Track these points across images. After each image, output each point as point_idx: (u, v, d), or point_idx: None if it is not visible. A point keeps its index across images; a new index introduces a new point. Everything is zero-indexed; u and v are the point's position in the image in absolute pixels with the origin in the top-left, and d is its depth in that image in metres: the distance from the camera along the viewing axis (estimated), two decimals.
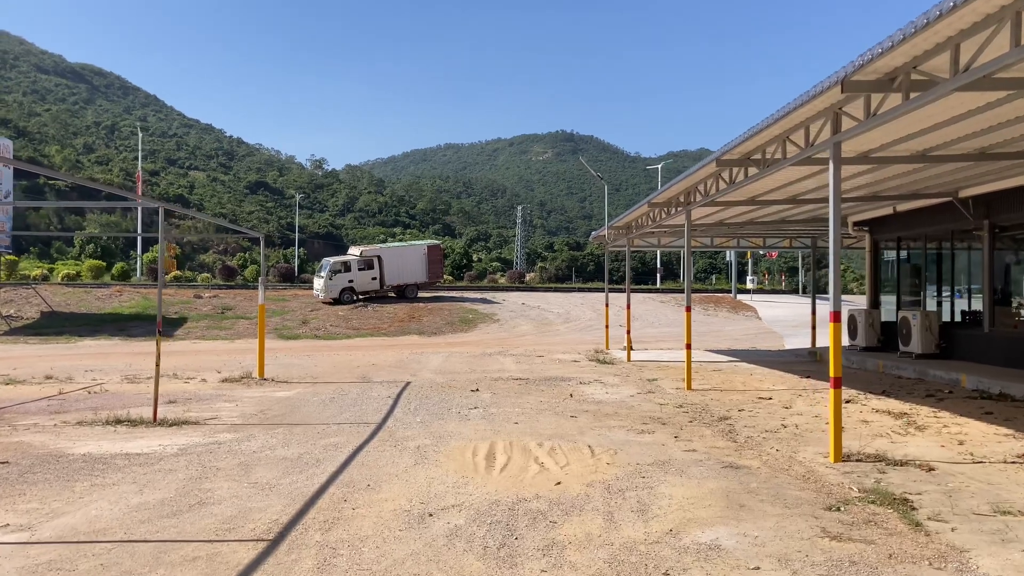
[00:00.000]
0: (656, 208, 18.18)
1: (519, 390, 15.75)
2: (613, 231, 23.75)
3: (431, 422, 11.77)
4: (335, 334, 33.01)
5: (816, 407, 13.38)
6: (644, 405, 13.63)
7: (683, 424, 11.64)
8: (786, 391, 15.54)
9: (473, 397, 14.65)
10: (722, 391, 15.61)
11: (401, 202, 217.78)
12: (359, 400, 14.25)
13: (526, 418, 12.17)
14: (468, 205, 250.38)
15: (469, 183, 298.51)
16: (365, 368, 20.40)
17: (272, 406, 13.53)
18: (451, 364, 21.43)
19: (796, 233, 26.34)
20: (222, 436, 10.65)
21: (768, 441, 10.29)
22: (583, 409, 13.16)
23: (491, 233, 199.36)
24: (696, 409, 13.12)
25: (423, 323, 36.22)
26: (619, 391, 15.65)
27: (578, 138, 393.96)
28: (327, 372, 19.41)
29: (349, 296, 41.81)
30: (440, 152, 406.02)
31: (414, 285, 44.54)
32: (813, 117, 9.65)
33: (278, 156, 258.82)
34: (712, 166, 12.62)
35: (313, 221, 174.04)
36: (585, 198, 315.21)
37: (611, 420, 12.04)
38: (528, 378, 17.89)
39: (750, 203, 17.36)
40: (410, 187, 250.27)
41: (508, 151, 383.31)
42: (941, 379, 16.47)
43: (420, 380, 17.57)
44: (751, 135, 10.75)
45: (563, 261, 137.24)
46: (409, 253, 45.09)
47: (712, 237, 26.70)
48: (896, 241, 21.68)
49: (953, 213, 18.23)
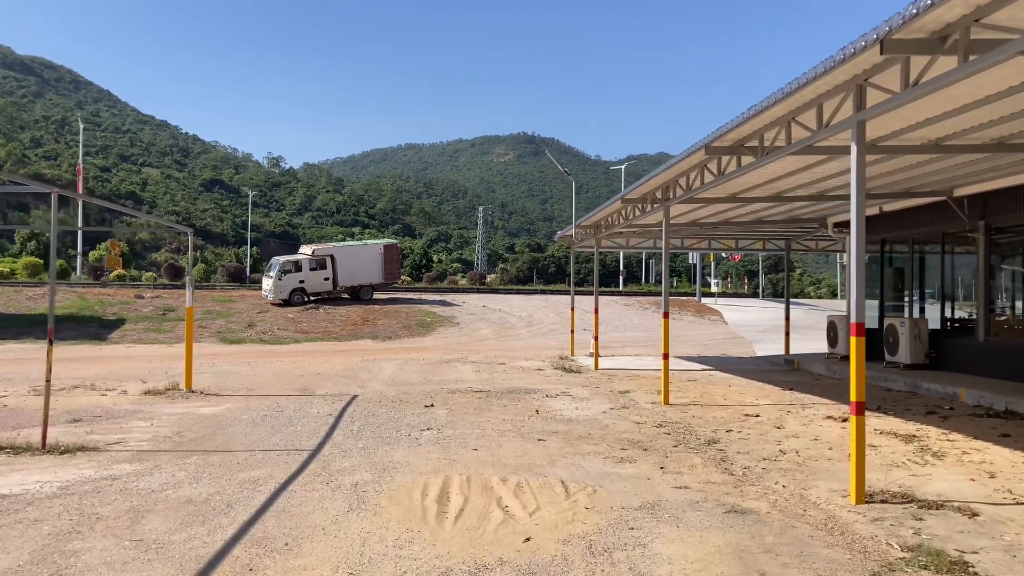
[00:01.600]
0: (630, 205, 16.65)
1: (479, 405, 14.09)
2: (581, 230, 22.20)
3: (375, 448, 10.08)
4: (282, 338, 31.05)
5: (810, 427, 11.93)
6: (620, 424, 12.06)
7: (667, 450, 10.08)
8: (772, 407, 14.10)
9: (427, 415, 12.97)
10: (703, 406, 14.12)
11: (360, 201, 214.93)
12: (295, 418, 12.49)
13: (487, 442, 10.53)
14: (429, 205, 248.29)
15: (430, 183, 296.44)
16: (309, 378, 18.60)
17: (193, 426, 11.71)
18: (405, 373, 19.71)
19: (770, 235, 25.05)
20: (120, 468, 8.85)
21: (769, 473, 8.77)
22: (551, 429, 11.55)
23: (452, 234, 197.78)
24: (678, 430, 11.59)
25: (377, 327, 34.38)
26: (590, 406, 14.08)
27: (539, 140, 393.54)
28: (266, 382, 17.58)
29: (300, 297, 39.78)
30: (401, 152, 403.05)
31: (369, 286, 42.61)
32: (829, 93, 8.14)
33: (234, 154, 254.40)
34: (699, 155, 11.09)
35: (269, 220, 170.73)
36: (546, 200, 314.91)
37: (584, 444, 10.44)
38: (489, 390, 16.25)
39: (731, 200, 15.92)
40: (370, 187, 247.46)
41: (469, 152, 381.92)
42: (936, 393, 15.15)
43: (368, 393, 15.84)
44: (749, 117, 9.23)
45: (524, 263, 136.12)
46: (364, 253, 43.12)
47: (683, 238, 25.31)
48: (880, 243, 20.40)
49: (945, 213, 16.97)
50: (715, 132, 10.21)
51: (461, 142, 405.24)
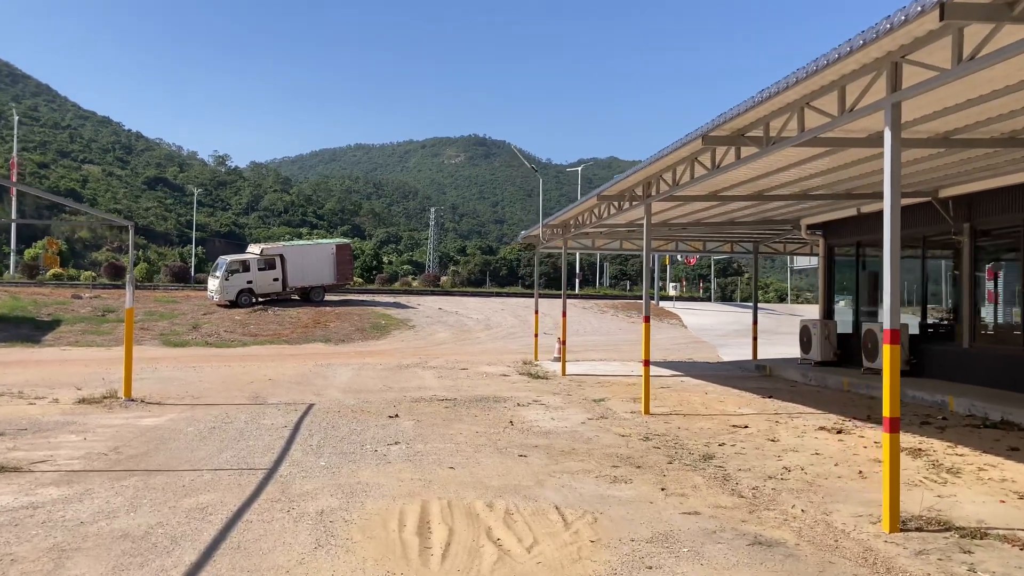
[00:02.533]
0: (605, 203, 15.79)
1: (447, 415, 13.07)
2: (548, 229, 21.29)
3: (339, 467, 9.01)
4: (229, 341, 29.59)
5: (806, 439, 11.16)
6: (603, 437, 11.16)
7: (662, 467, 9.20)
8: (757, 416, 13.34)
9: (392, 426, 11.91)
10: (685, 416, 13.30)
11: (308, 202, 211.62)
12: (247, 431, 11.34)
13: (463, 459, 9.52)
14: (378, 206, 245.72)
15: (379, 184, 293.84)
16: (260, 384, 17.38)
17: (132, 440, 10.50)
18: (362, 380, 18.58)
19: (740, 237, 24.44)
20: (45, 493, 7.67)
21: (781, 494, 7.93)
22: (530, 443, 10.60)
23: (402, 235, 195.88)
24: (668, 443, 10.72)
25: (330, 329, 33.07)
26: (566, 416, 13.15)
27: (490, 142, 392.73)
28: (213, 390, 16.33)
29: (247, 298, 38.21)
30: (350, 152, 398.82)
31: (320, 287, 41.17)
32: (855, 73, 7.34)
33: (179, 152, 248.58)
34: (694, 145, 10.24)
35: (215, 219, 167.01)
36: (497, 203, 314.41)
37: (570, 460, 9.51)
38: (456, 398, 15.23)
39: (712, 199, 15.15)
40: (318, 186, 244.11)
41: (420, 153, 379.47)
42: (924, 401, 14.55)
43: (326, 401, 14.71)
44: (760, 102, 8.39)
45: (476, 265, 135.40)
46: (315, 252, 41.65)
47: (649, 239, 24.51)
48: (855, 246, 19.89)
49: (927, 215, 16.45)
50: (715, 120, 9.36)
51: (412, 143, 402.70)
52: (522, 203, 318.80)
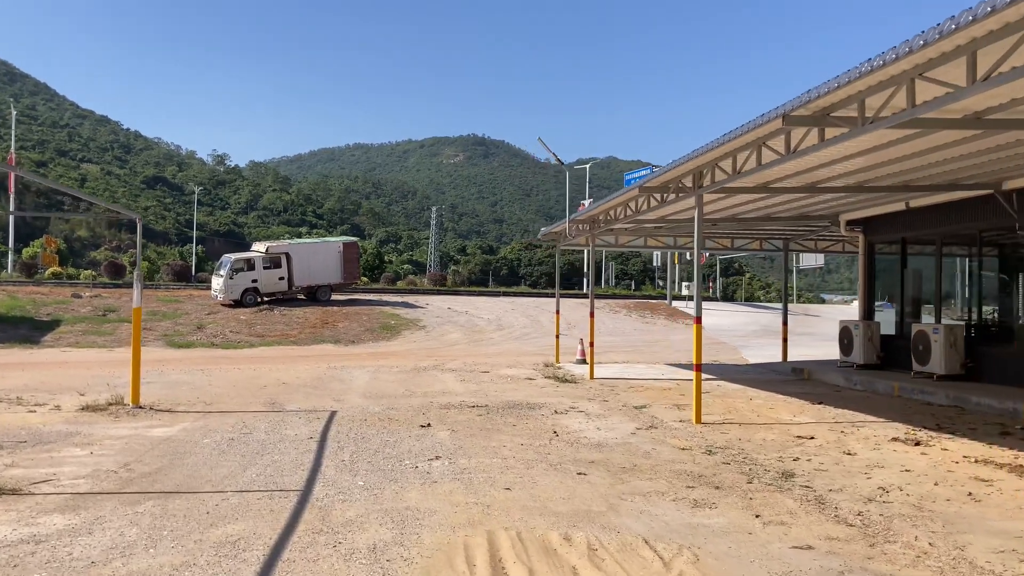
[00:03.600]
0: (646, 194, 14.75)
1: (483, 424, 12.04)
2: (575, 225, 20.23)
3: (381, 487, 7.98)
4: (236, 342, 28.53)
5: (884, 453, 10.12)
6: (662, 451, 10.12)
7: (742, 487, 8.17)
8: (817, 425, 12.32)
9: (427, 437, 10.88)
10: (740, 425, 12.29)
11: (308, 201, 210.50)
12: (269, 443, 10.30)
13: (516, 477, 8.50)
14: (378, 206, 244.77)
15: (378, 184, 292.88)
16: (274, 388, 16.35)
17: (144, 455, 9.46)
18: (382, 384, 17.54)
19: (770, 234, 23.42)
20: (49, 522, 6.63)
21: (893, 522, 6.91)
22: (584, 458, 9.57)
23: (402, 235, 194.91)
24: (735, 458, 9.69)
25: (339, 330, 32.01)
26: (611, 425, 12.13)
27: (489, 142, 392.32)
28: (225, 395, 15.28)
29: (252, 298, 37.14)
30: (348, 152, 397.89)
31: (327, 286, 40.09)
32: (994, 35, 6.30)
33: (178, 151, 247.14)
34: (769, 127, 9.19)
35: (214, 219, 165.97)
36: (496, 202, 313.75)
37: (636, 479, 8.48)
38: (486, 404, 14.20)
39: (761, 190, 14.13)
40: (317, 186, 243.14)
41: (419, 153, 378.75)
42: (992, 409, 13.49)
43: (348, 408, 13.68)
44: (863, 74, 7.36)
45: (476, 265, 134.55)
46: (322, 251, 40.56)
47: (677, 236, 23.52)
48: (900, 243, 18.85)
49: (987, 209, 15.43)
50: (800, 97, 8.33)
51: (410, 143, 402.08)
52: (521, 203, 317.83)
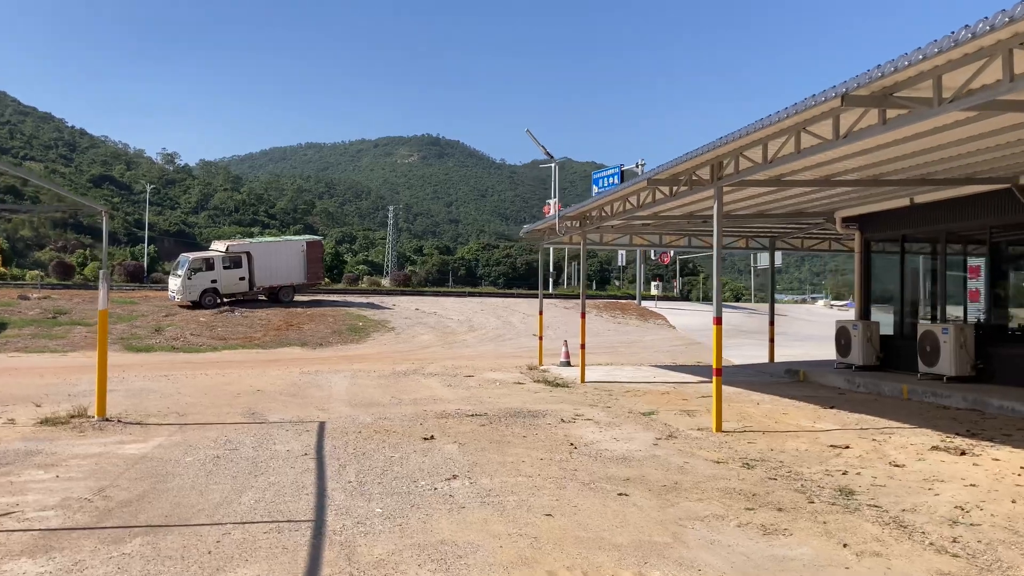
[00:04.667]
0: (654, 187, 13.89)
1: (490, 436, 11.07)
2: (565, 222, 19.32)
3: (403, 515, 6.97)
4: (198, 346, 27.12)
5: (931, 463, 9.38)
6: (696, 465, 9.25)
7: (804, 507, 7.33)
8: (842, 432, 11.60)
9: (434, 452, 9.87)
10: (763, 434, 11.50)
11: (260, 200, 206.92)
12: (261, 461, 9.21)
13: (551, 499, 7.55)
14: (331, 206, 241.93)
15: (332, 183, 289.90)
16: (249, 396, 15.18)
17: (120, 478, 8.32)
18: (364, 390, 16.46)
19: (756, 232, 22.79)
20: (16, 570, 5.51)
21: (997, 549, 6.14)
22: (616, 474, 8.66)
23: (357, 235, 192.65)
24: (778, 472, 8.87)
25: (304, 332, 30.73)
26: (628, 435, 11.25)
27: (444, 142, 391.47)
28: (198, 404, 14.08)
29: (212, 299, 35.62)
30: (301, 151, 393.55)
31: (290, 287, 38.68)
32: None
33: (126, 149, 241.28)
34: (823, 107, 8.34)
35: (164, 218, 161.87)
36: (452, 202, 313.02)
37: (685, 500, 7.60)
38: (485, 413, 13.22)
39: (774, 184, 13.38)
40: (269, 185, 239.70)
41: (373, 152, 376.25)
42: (1016, 413, 12.89)
43: (336, 418, 12.60)
44: (945, 49, 6.55)
45: (434, 265, 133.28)
46: (284, 250, 39.12)
47: (663, 234, 22.77)
48: (899, 241, 18.30)
49: (998, 204, 14.90)
50: (865, 74, 7.51)
51: (364, 142, 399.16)
52: (476, 203, 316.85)
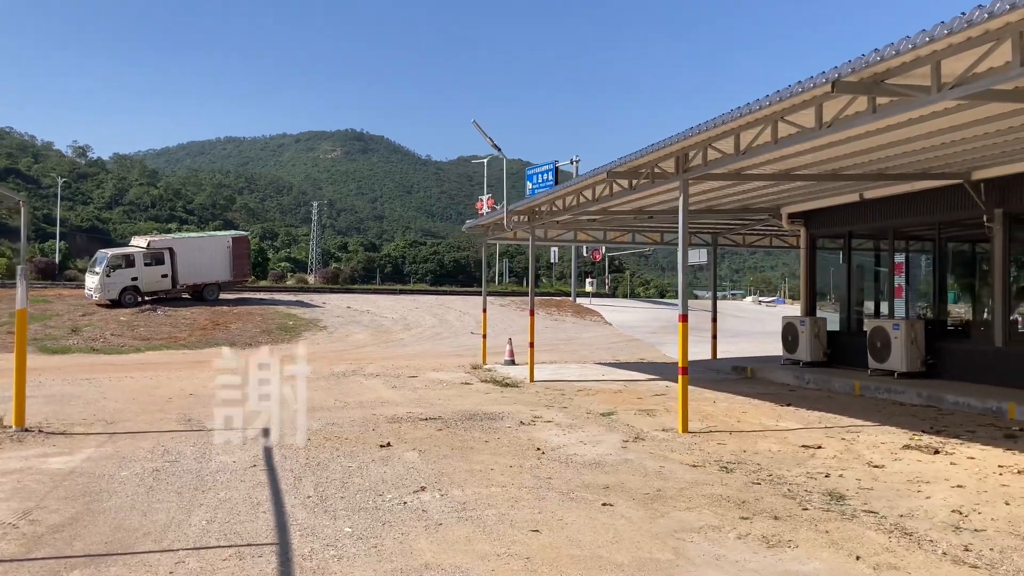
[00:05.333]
0: (611, 181, 13.44)
1: (449, 441, 10.46)
2: (513, 217, 18.75)
3: (376, 535, 6.33)
4: (119, 347, 25.71)
5: (908, 463, 9.18)
6: (673, 470, 8.82)
7: (799, 514, 6.97)
8: (808, 431, 11.38)
9: (393, 460, 9.22)
10: (730, 434, 11.19)
11: (177, 196, 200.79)
12: (206, 475, 8.42)
13: (532, 512, 7.01)
14: (252, 201, 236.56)
15: (252, 179, 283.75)
16: (183, 401, 14.23)
17: (47, 497, 7.45)
18: (303, 393, 15.60)
19: (699, 228, 22.63)
20: None
21: (1012, 557, 5.82)
22: (591, 481, 8.18)
23: (278, 231, 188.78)
24: (759, 475, 8.52)
25: (232, 332, 29.51)
26: (591, 437, 10.79)
27: (368, 138, 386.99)
28: (127, 410, 13.09)
29: (132, 297, 33.97)
30: (220, 145, 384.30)
31: (215, 285, 37.18)
32: None
33: (33, 141, 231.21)
34: (822, 90, 7.92)
35: (75, 214, 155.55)
36: (376, 199, 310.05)
37: (672, 508, 7.16)
38: (439, 416, 12.60)
39: (735, 177, 13.09)
40: (187, 180, 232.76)
41: (294, 147, 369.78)
42: (972, 408, 12.89)
43: (281, 424, 11.80)
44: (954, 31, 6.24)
45: (359, 262, 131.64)
46: (209, 246, 37.58)
47: (606, 230, 22.44)
48: (846, 237, 18.32)
49: (949, 200, 14.96)
50: (860, 59, 7.16)
51: (285, 137, 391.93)
52: (402, 200, 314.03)
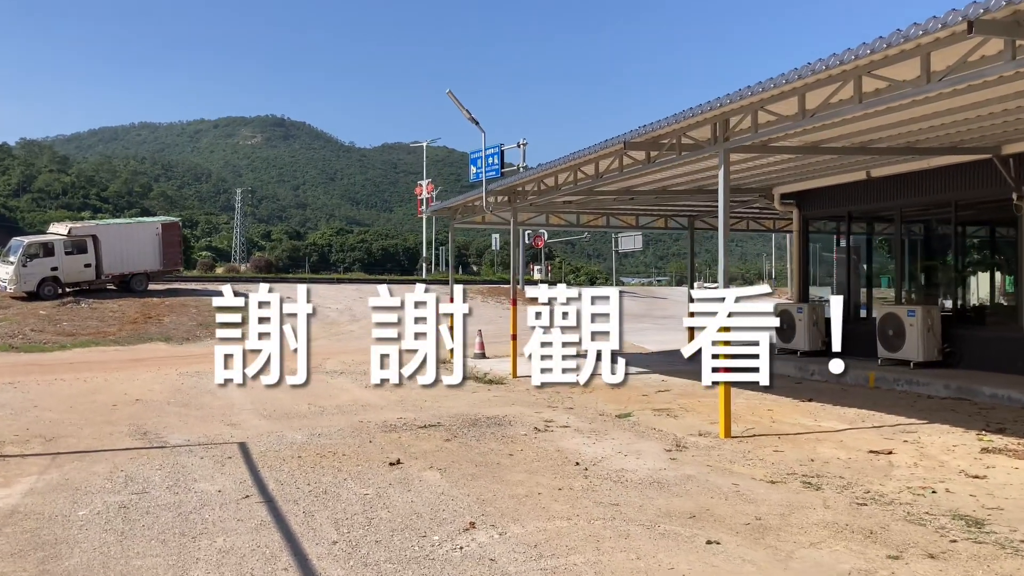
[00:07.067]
0: (619, 154, 11.98)
1: (467, 455, 8.91)
2: (491, 197, 17.14)
3: None
4: (42, 344, 23.24)
5: (1001, 469, 8.02)
6: (755, 489, 7.46)
7: (953, 550, 5.67)
8: (858, 432, 10.22)
9: (415, 484, 7.63)
10: (778, 438, 9.94)
11: (91, 183, 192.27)
12: (188, 511, 6.69)
13: (629, 555, 5.55)
14: (169, 189, 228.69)
15: (169, 166, 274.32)
16: (129, 408, 12.32)
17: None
18: (268, 396, 13.72)
19: (677, 210, 21.43)
20: None
21: None
22: (671, 509, 6.75)
23: (198, 220, 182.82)
24: (854, 492, 7.24)
25: (166, 325, 27.19)
26: (625, 446, 9.43)
27: (289, 123, 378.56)
28: (66, 421, 11.13)
29: (52, 288, 31.20)
30: (134, 131, 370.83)
31: (143, 274, 34.49)
32: None
33: None
34: (959, 28, 6.56)
35: None
36: (299, 186, 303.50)
37: (793, 544, 5.78)
38: (437, 422, 11.03)
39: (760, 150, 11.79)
40: (100, 167, 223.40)
41: (213, 133, 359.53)
42: (1015, 401, 11.88)
43: (256, 436, 10.13)
44: None
45: (284, 250, 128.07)
46: (137, 233, 34.82)
47: (579, 213, 21.03)
48: (845, 219, 17.31)
49: (969, 178, 14.01)
50: None
51: (203, 122, 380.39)
52: (325, 187, 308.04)
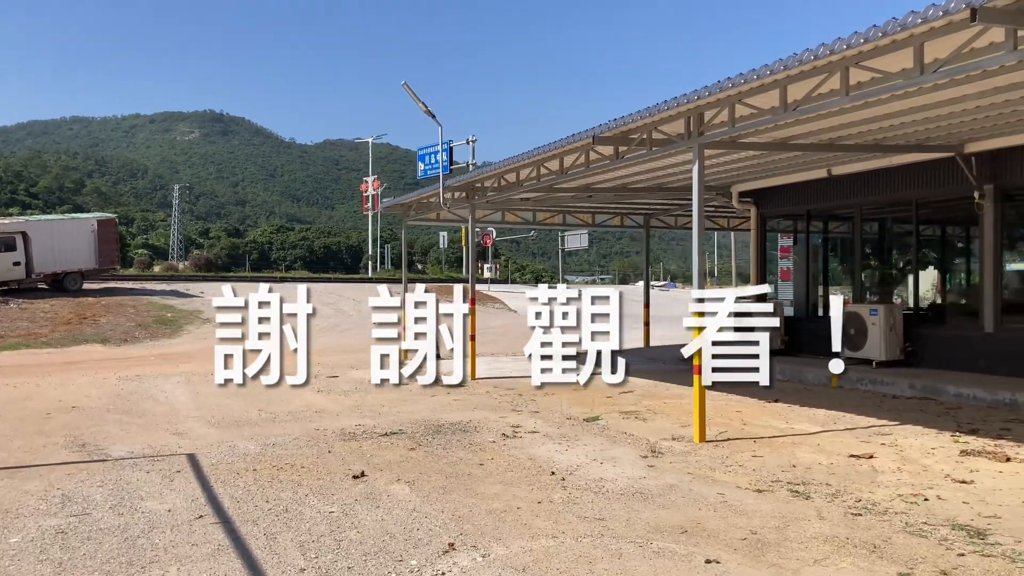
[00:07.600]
0: (586, 149, 11.58)
1: (435, 466, 8.41)
2: (448, 193, 16.59)
3: None
4: None
5: (985, 473, 7.83)
6: (743, 500, 7.11)
7: (966, 566, 5.37)
8: (834, 435, 9.97)
9: (383, 499, 7.11)
10: (754, 442, 9.63)
11: (19, 178, 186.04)
12: (135, 535, 6.07)
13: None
14: (103, 185, 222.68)
15: (103, 161, 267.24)
16: (65, 416, 11.50)
17: None
18: (215, 401, 13.09)
19: (633, 209, 21.19)
20: None
21: None
22: (660, 523, 6.36)
23: (134, 217, 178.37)
24: (845, 501, 6.95)
25: (102, 326, 26.04)
26: (599, 453, 9.02)
27: (228, 119, 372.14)
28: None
29: None
30: (66, 125, 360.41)
31: (77, 273, 33.13)
32: None
33: None
34: (960, 16, 6.27)
35: None
36: (238, 183, 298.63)
37: (797, 562, 5.45)
38: (398, 429, 10.53)
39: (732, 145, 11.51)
40: (29, 162, 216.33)
41: (149, 129, 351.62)
42: (981, 400, 11.83)
43: (205, 447, 9.46)
44: None
45: (223, 248, 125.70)
46: (70, 230, 33.42)
47: (535, 211, 20.62)
48: (803, 217, 17.21)
49: (931, 176, 13.97)
50: None
51: (139, 117, 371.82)
52: (265, 184, 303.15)
